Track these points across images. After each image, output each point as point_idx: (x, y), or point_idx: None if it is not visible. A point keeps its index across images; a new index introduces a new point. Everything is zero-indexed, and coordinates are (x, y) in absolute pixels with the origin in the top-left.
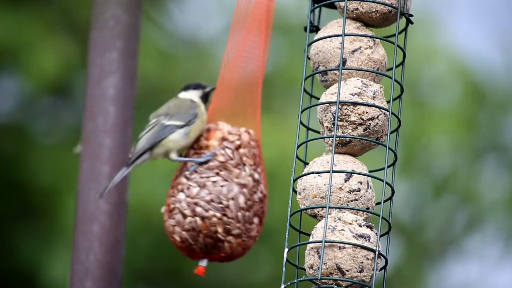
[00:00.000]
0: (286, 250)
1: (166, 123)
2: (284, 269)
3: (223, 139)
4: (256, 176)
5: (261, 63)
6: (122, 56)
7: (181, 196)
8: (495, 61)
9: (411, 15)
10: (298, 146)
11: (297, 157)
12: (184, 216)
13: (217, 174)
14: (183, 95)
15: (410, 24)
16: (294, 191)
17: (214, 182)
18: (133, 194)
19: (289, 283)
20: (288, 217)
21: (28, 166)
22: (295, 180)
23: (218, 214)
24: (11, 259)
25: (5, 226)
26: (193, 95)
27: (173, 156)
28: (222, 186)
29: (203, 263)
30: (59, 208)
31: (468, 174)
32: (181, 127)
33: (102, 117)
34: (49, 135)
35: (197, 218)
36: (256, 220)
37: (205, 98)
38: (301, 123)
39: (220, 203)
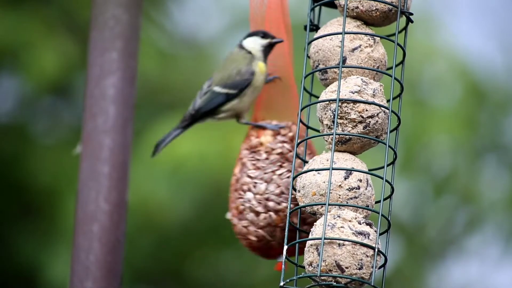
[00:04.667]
0: (285, 247)
1: (219, 91)
2: (283, 266)
3: (276, 134)
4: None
5: (288, 60)
6: (122, 56)
7: (249, 195)
8: (495, 61)
9: (411, 14)
10: (298, 144)
11: (297, 154)
12: (257, 213)
13: (281, 166)
14: (246, 44)
15: (410, 23)
16: (294, 188)
17: (279, 175)
18: (133, 194)
19: (288, 280)
20: (288, 214)
21: (28, 166)
22: (294, 178)
23: (291, 205)
24: (11, 259)
25: (5, 226)
26: (257, 44)
27: (242, 120)
28: (288, 177)
29: (281, 258)
30: (59, 208)
31: (468, 174)
32: (234, 95)
33: (102, 117)
34: (49, 135)
35: (271, 213)
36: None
37: (270, 48)
38: (300, 121)
39: (290, 194)
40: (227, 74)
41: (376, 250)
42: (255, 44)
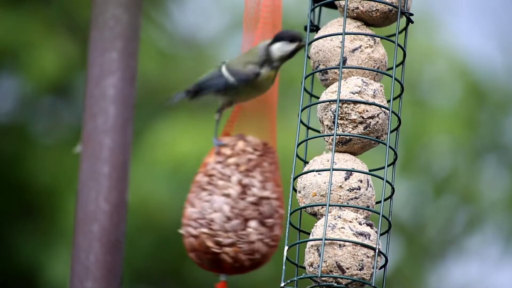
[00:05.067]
0: (286, 248)
1: (223, 72)
2: (284, 267)
3: (218, 153)
4: (246, 180)
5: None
6: (122, 56)
7: (184, 220)
8: (495, 61)
9: (412, 14)
10: (298, 145)
11: (297, 155)
12: (185, 238)
13: (204, 189)
14: (273, 49)
15: (410, 24)
16: (294, 189)
17: (200, 199)
18: (133, 194)
19: (289, 281)
20: (288, 215)
21: (28, 166)
22: (295, 179)
23: (205, 230)
24: (11, 259)
25: (5, 226)
26: (283, 52)
27: (218, 113)
28: (206, 201)
29: (223, 277)
30: (59, 208)
31: (468, 174)
32: (231, 85)
33: (102, 117)
34: (49, 135)
35: (191, 238)
36: (253, 223)
37: (295, 53)
38: (301, 122)
39: (204, 218)
40: (238, 61)
41: (377, 250)
42: (281, 51)
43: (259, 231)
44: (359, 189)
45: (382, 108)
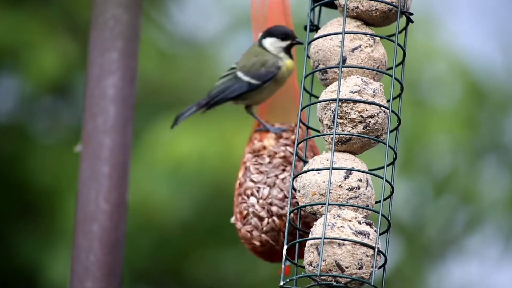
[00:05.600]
0: (285, 247)
1: (242, 77)
2: (283, 266)
3: (278, 137)
4: None
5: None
6: (122, 56)
7: (253, 200)
8: (495, 61)
9: (411, 14)
10: (298, 144)
11: (297, 154)
12: (261, 218)
13: (284, 170)
14: (265, 44)
15: (410, 23)
16: (294, 188)
17: (283, 179)
18: (133, 194)
19: (288, 280)
20: (288, 214)
21: (28, 166)
22: (294, 178)
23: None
24: (11, 259)
25: (5, 226)
26: (276, 46)
27: (251, 109)
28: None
29: (287, 263)
30: (59, 208)
31: (468, 174)
32: (256, 86)
33: (102, 117)
34: (49, 135)
35: (275, 218)
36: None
37: (290, 48)
38: (300, 121)
39: (294, 198)
40: (251, 62)
41: (376, 250)
42: (274, 46)
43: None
44: (359, 188)
45: (382, 108)
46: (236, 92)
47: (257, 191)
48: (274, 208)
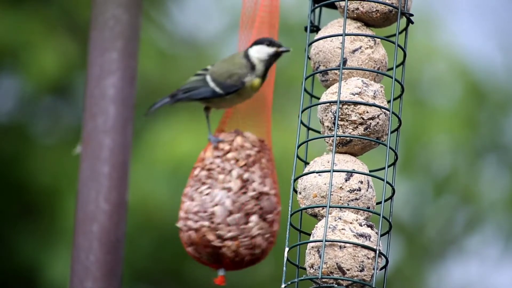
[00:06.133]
0: (286, 249)
1: (209, 82)
2: (284, 268)
3: (215, 148)
4: (246, 175)
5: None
6: (122, 56)
7: (181, 214)
8: (495, 61)
9: (412, 15)
10: (299, 146)
11: (297, 156)
12: (183, 232)
13: (203, 183)
14: (252, 53)
15: (410, 24)
16: (295, 190)
17: (200, 192)
18: (133, 194)
19: (289, 282)
20: (289, 216)
21: (28, 166)
22: (295, 180)
23: (206, 223)
24: (11, 259)
25: (5, 226)
26: (262, 54)
27: (209, 113)
28: (206, 194)
29: (221, 272)
30: (59, 208)
31: (468, 174)
32: (219, 95)
33: (102, 117)
34: (49, 135)
35: (191, 232)
36: (253, 218)
37: (275, 58)
38: (301, 123)
39: (205, 211)
40: (221, 71)
41: (378, 252)
42: (260, 53)
43: (260, 226)
44: (360, 190)
45: (382, 109)
46: (201, 96)
47: (183, 205)
48: (189, 222)
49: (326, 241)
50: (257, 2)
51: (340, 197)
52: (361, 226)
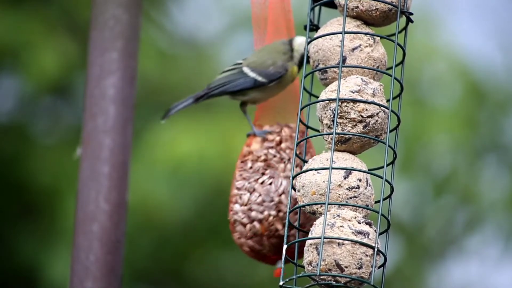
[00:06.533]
0: (285, 247)
1: (248, 73)
2: (283, 266)
3: (263, 140)
4: (302, 165)
5: None
6: (122, 56)
7: (237, 207)
8: (495, 60)
9: (411, 14)
10: (298, 143)
11: (296, 154)
12: (244, 225)
13: (263, 174)
14: (296, 41)
15: (410, 23)
16: (293, 188)
17: (261, 183)
18: (133, 194)
19: (288, 279)
20: (288, 213)
21: (28, 166)
22: (294, 177)
23: (273, 212)
24: (11, 259)
25: (5, 226)
26: (303, 46)
27: (245, 107)
28: (270, 184)
29: (279, 264)
30: (59, 208)
31: (468, 174)
32: (262, 84)
33: (102, 117)
34: (49, 135)
35: (255, 223)
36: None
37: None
38: (300, 120)
39: (272, 200)
40: (261, 60)
41: (376, 249)
42: (301, 46)
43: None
44: (358, 188)
45: (382, 107)
46: (240, 87)
47: (240, 198)
48: (253, 213)
49: (324, 238)
50: (265, 3)
51: (339, 194)
52: (360, 223)
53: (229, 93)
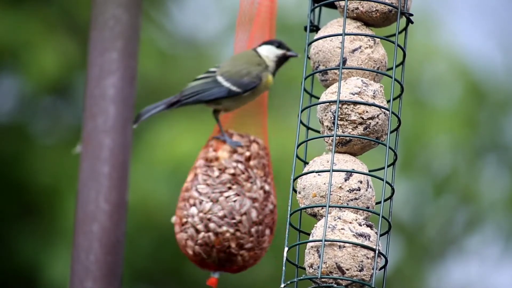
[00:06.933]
0: (286, 249)
1: (222, 82)
2: (284, 268)
3: (233, 151)
4: (267, 187)
5: None
6: (122, 56)
7: (194, 210)
8: (495, 60)
9: (411, 15)
10: (298, 146)
11: (297, 156)
12: (197, 231)
13: (229, 188)
14: (261, 51)
15: (410, 24)
16: (294, 190)
17: (226, 197)
18: (133, 194)
19: (289, 282)
20: (288, 216)
21: (28, 166)
22: (295, 179)
23: (232, 230)
24: (11, 259)
25: (5, 226)
26: (271, 54)
27: (218, 115)
28: (234, 201)
29: (216, 275)
30: (59, 208)
31: (468, 174)
32: (236, 94)
33: (102, 117)
34: (49, 135)
35: (210, 234)
36: (267, 231)
37: (283, 60)
38: (301, 122)
39: (233, 218)
40: (236, 69)
41: (377, 251)
42: (269, 53)
43: (268, 240)
44: (359, 190)
45: (382, 109)
46: (214, 96)
47: (200, 203)
48: (212, 225)
49: (325, 240)
50: (254, 3)
51: (340, 196)
52: (361, 225)
53: (203, 101)
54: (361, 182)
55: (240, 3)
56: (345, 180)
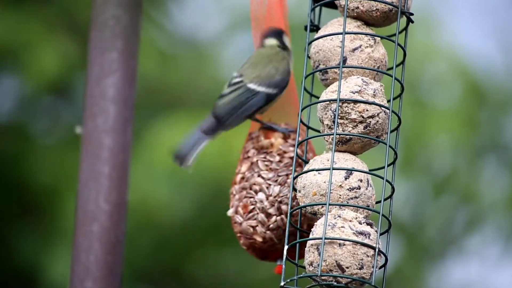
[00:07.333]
0: (286, 247)
1: (256, 89)
2: (284, 266)
3: (286, 137)
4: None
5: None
6: (122, 56)
7: (261, 196)
8: (495, 60)
9: (412, 14)
10: (299, 144)
11: (297, 154)
12: (269, 215)
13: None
14: (285, 39)
15: (410, 23)
16: (294, 189)
17: (300, 177)
18: (133, 194)
19: (289, 280)
20: (288, 214)
21: (28, 166)
22: (295, 178)
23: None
24: (10, 259)
25: (5, 226)
26: (286, 39)
27: (256, 119)
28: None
29: (280, 262)
30: (59, 208)
31: (468, 174)
32: (275, 95)
33: (102, 117)
34: (49, 135)
35: (283, 216)
36: None
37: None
38: (301, 121)
39: (294, 199)
40: (264, 71)
41: (377, 250)
42: (285, 39)
43: None
44: (359, 188)
45: (382, 108)
46: (255, 107)
47: (267, 188)
48: (284, 207)
49: (325, 238)
50: (264, 3)
51: (340, 195)
52: (361, 224)
53: (247, 117)
54: (361, 180)
55: (251, 2)
56: (345, 178)
